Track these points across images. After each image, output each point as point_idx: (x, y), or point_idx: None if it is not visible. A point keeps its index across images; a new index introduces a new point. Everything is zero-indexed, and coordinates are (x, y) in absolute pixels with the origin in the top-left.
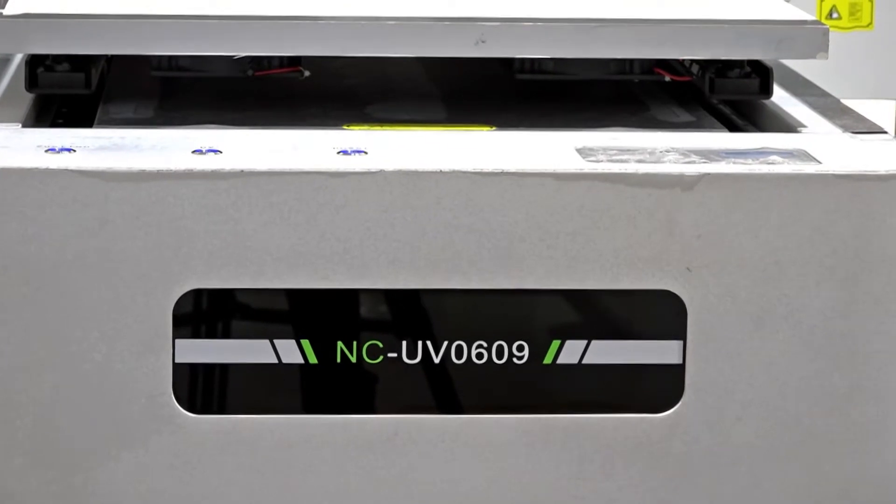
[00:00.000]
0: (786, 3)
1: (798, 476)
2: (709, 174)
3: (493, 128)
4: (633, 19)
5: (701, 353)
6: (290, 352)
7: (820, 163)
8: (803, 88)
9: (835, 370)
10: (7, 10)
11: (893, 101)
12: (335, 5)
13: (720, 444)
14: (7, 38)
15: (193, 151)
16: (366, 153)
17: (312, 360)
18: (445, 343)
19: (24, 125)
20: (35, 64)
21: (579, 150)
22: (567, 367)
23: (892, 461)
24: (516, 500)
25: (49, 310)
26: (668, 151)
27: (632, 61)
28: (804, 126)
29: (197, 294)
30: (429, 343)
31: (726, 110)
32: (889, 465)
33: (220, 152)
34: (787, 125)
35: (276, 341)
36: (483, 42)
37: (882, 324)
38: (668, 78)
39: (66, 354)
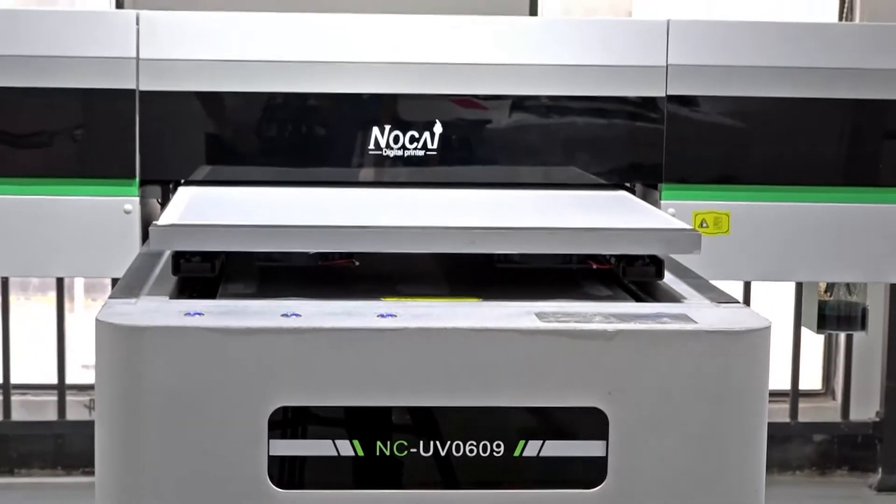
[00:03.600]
0: (672, 217)
1: None
2: (623, 330)
3: (480, 299)
4: (572, 228)
5: (618, 449)
6: (345, 448)
7: (696, 322)
8: (684, 273)
9: (708, 462)
10: (160, 222)
11: (741, 282)
12: (376, 217)
13: None
14: (161, 240)
15: (282, 315)
16: (396, 316)
17: (360, 453)
18: (449, 442)
19: (171, 297)
20: (178, 257)
21: (537, 315)
22: (529, 458)
23: None
24: None
25: (185, 421)
26: (595, 315)
27: (571, 255)
28: (685, 298)
29: (284, 409)
30: (438, 442)
31: (633, 287)
32: None
33: (300, 315)
34: (673, 297)
35: (336, 441)
36: (474, 243)
37: (739, 433)
38: (595, 266)
39: (195, 450)
